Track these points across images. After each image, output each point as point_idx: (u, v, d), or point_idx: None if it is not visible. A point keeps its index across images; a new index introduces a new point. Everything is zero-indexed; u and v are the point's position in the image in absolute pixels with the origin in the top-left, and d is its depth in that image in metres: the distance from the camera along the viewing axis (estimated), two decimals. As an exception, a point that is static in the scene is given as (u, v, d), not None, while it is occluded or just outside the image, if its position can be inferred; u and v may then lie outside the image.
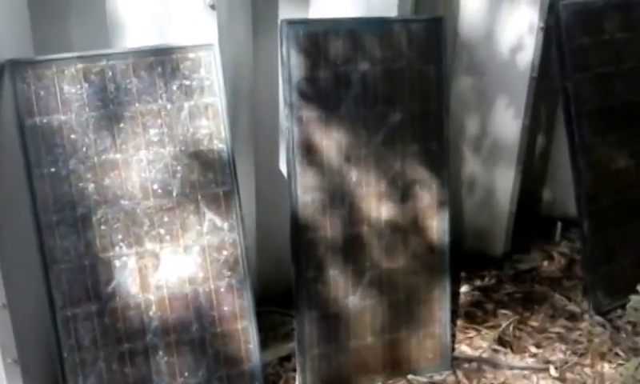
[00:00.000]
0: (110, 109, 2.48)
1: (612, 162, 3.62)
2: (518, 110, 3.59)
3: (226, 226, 2.65)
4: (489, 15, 3.50)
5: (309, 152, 2.82)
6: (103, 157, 2.48)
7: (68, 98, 2.43)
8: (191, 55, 2.59)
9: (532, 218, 4.19)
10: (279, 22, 2.80)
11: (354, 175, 2.90)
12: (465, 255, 3.83)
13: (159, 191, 2.55)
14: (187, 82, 2.58)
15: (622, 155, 3.65)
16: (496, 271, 3.84)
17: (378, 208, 2.95)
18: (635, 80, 3.68)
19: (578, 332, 3.42)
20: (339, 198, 2.89)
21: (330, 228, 2.88)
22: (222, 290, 2.66)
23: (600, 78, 3.57)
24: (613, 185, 3.62)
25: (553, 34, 3.50)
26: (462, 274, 3.78)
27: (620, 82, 3.63)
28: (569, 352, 3.28)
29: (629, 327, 3.44)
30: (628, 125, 3.67)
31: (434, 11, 3.37)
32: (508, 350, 3.28)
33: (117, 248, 2.51)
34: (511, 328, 3.41)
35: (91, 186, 2.46)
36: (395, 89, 2.96)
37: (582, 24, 3.52)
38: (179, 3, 2.63)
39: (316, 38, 2.81)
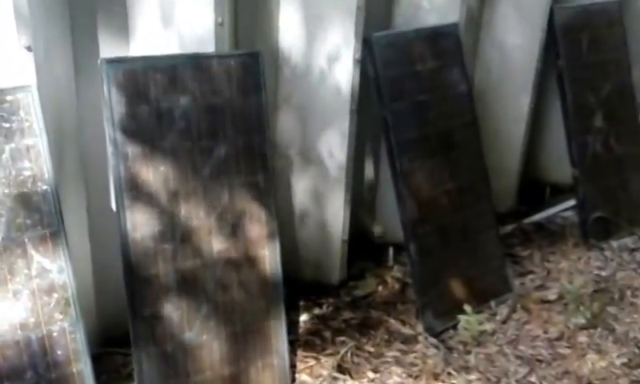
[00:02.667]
0: None
1: (432, 188, 3.89)
2: (342, 141, 3.76)
3: (55, 267, 2.71)
4: (305, 49, 3.67)
5: (136, 188, 2.94)
6: None
7: None
8: (9, 97, 2.66)
9: (365, 245, 4.38)
10: (99, 61, 2.91)
11: (182, 209, 3.04)
12: (302, 285, 3.96)
13: (-16, 237, 2.60)
14: (7, 125, 2.65)
15: (441, 180, 3.93)
16: (333, 299, 3.99)
17: (209, 241, 3.09)
18: (447, 107, 3.99)
19: (413, 354, 3.61)
20: (170, 233, 3.01)
21: (162, 264, 2.99)
22: (55, 334, 2.70)
23: (416, 107, 3.86)
24: (435, 209, 3.89)
25: (368, 65, 3.73)
26: (301, 303, 3.91)
27: (433, 110, 3.93)
28: (405, 375, 3.47)
29: (460, 346, 3.68)
30: (444, 150, 3.96)
31: (252, 46, 3.52)
32: (347, 377, 3.43)
33: (-60, 297, 2.52)
34: (349, 354, 3.56)
35: None
36: (218, 123, 3.13)
37: (396, 55, 3.81)
38: (-4, 45, 2.70)
39: (136, 76, 2.95)
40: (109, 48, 3.14)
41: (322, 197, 3.91)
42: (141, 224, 2.95)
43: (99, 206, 3.28)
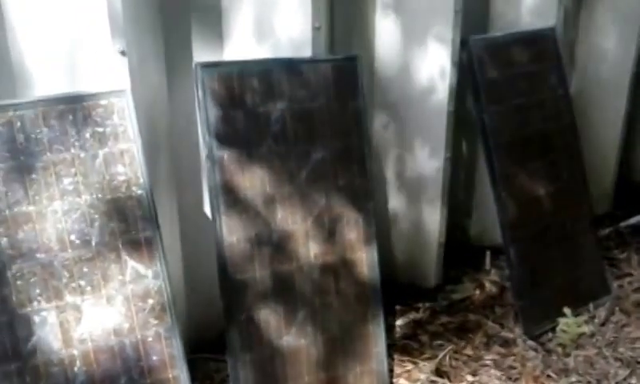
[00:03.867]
0: (20, 160, 2.28)
1: (532, 190, 3.54)
2: (438, 143, 3.48)
3: (150, 273, 2.44)
4: (402, 52, 3.40)
5: (232, 192, 2.65)
6: (15, 210, 2.26)
7: (-25, 151, 2.23)
8: (103, 102, 2.40)
9: (462, 248, 4.07)
10: (193, 65, 2.64)
11: (279, 214, 2.73)
12: (398, 288, 3.67)
13: (77, 242, 2.34)
14: (100, 129, 2.39)
15: (540, 183, 3.58)
16: (430, 303, 3.68)
17: (306, 245, 2.78)
18: (545, 110, 3.64)
19: (512, 357, 3.28)
20: (266, 236, 2.71)
21: (258, 268, 2.70)
22: (150, 339, 2.43)
23: (514, 109, 3.51)
24: (534, 212, 3.55)
25: (466, 68, 3.42)
26: (397, 308, 3.61)
27: (532, 112, 3.58)
28: (504, 378, 3.15)
29: (559, 349, 3.33)
30: (543, 153, 3.61)
31: (348, 50, 3.26)
32: (446, 381, 3.12)
33: (35, 303, 2.27)
34: (447, 358, 3.24)
35: (4, 240, 2.24)
36: (315, 127, 2.82)
37: (494, 58, 3.47)
38: (89, 50, 2.47)
39: (231, 80, 2.66)
40: (202, 53, 2.89)
41: (419, 199, 3.62)
42: (236, 228, 2.65)
43: (191, 211, 3.06)
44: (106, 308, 2.37)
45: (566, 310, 3.44)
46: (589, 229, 3.79)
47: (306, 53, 2.87)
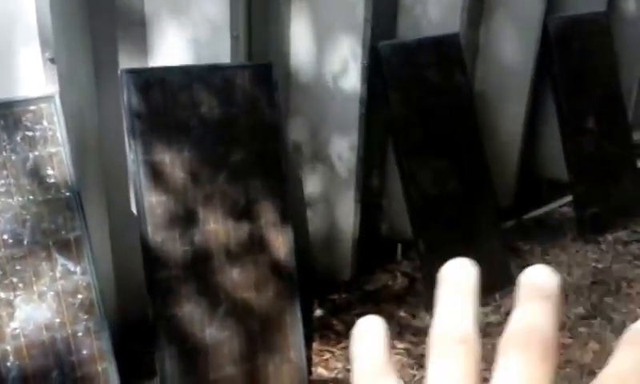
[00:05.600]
0: (-47, 163, 2.39)
1: (438, 186, 3.78)
2: (351, 144, 3.66)
3: (78, 269, 2.57)
4: (316, 59, 3.57)
5: (156, 194, 2.80)
6: (-51, 211, 2.38)
7: None
8: (32, 107, 2.53)
9: (374, 241, 4.25)
10: (119, 72, 2.79)
11: (200, 213, 2.90)
12: (315, 281, 3.83)
13: (10, 241, 2.46)
14: (30, 133, 2.52)
15: (446, 179, 3.82)
16: (345, 294, 3.87)
17: (227, 242, 2.96)
18: (450, 111, 3.88)
19: (423, 346, 3.41)
20: (189, 235, 2.87)
21: (182, 263, 2.86)
22: (80, 333, 2.56)
23: (421, 111, 3.75)
24: (441, 206, 3.78)
25: (376, 72, 3.61)
26: (315, 299, 3.78)
27: (438, 113, 3.82)
28: (416, 366, 3.33)
29: None
30: (449, 151, 3.85)
31: (266, 57, 3.41)
32: None
33: (-31, 300, 2.39)
34: None
35: (-61, 240, 2.35)
36: (233, 131, 3.00)
37: (401, 62, 3.70)
38: (19, 57, 2.57)
39: (155, 86, 2.82)
40: (129, 60, 3.02)
41: (334, 197, 3.81)
42: (161, 228, 2.81)
43: (119, 210, 3.18)
44: (37, 304, 2.49)
45: (474, 300, 3.66)
46: (493, 222, 4.04)
47: (226, 60, 3.02)
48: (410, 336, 3.54)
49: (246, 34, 3.26)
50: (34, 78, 2.58)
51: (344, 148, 3.68)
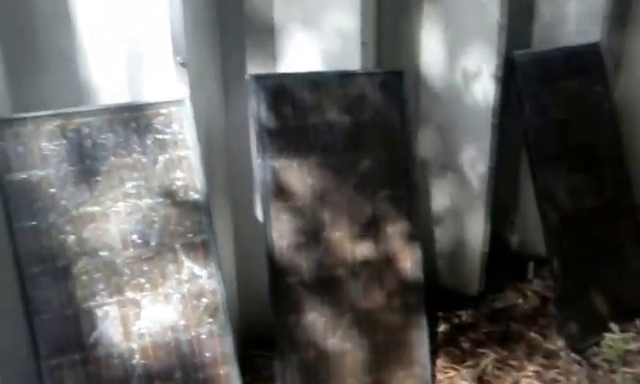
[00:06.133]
0: (87, 163, 2.46)
1: (575, 202, 3.61)
2: (482, 155, 3.57)
3: (204, 273, 2.59)
4: (447, 67, 3.51)
5: (282, 199, 2.80)
6: (82, 209, 2.45)
7: (46, 154, 2.41)
8: (163, 111, 2.58)
9: (504, 257, 4.13)
10: (247, 77, 2.81)
11: (327, 220, 2.88)
12: (441, 296, 3.76)
13: (138, 241, 2.51)
14: (161, 136, 2.57)
15: (585, 195, 3.64)
16: (472, 311, 3.77)
17: (353, 251, 2.92)
18: (589, 123, 3.72)
19: (555, 370, 3.33)
20: (314, 242, 2.86)
21: (306, 272, 2.84)
22: (204, 336, 2.58)
23: (558, 122, 3.60)
24: (579, 224, 3.60)
25: (510, 82, 3.52)
26: (439, 314, 3.69)
27: (576, 125, 3.66)
28: None
29: (605, 365, 3.34)
30: (588, 165, 3.68)
31: (395, 65, 3.36)
32: None
33: (98, 298, 2.44)
34: (490, 367, 3.32)
35: (71, 237, 2.42)
36: (362, 138, 2.97)
37: (537, 72, 3.57)
38: (151, 61, 2.64)
39: (284, 91, 2.83)
40: (256, 66, 3.05)
41: (463, 209, 3.73)
42: (286, 233, 2.81)
43: (244, 216, 3.21)
44: (163, 305, 2.53)
45: (613, 326, 3.46)
46: (635, 240, 3.80)
47: (355, 67, 3.00)
48: (540, 358, 3.40)
49: (376, 40, 3.23)
50: (166, 83, 2.63)
51: (474, 159, 3.59)
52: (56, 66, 2.64)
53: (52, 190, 2.41)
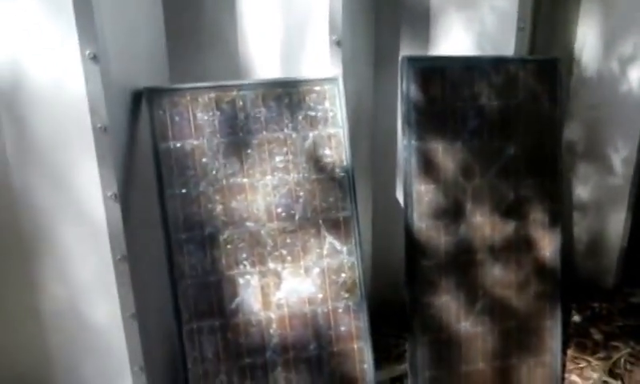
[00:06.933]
0: (240, 136, 2.36)
1: None
2: (631, 146, 3.30)
3: (345, 249, 2.47)
4: (604, 56, 3.23)
5: (425, 181, 2.62)
6: (231, 180, 2.35)
7: (200, 125, 2.32)
8: (317, 88, 2.44)
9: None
10: (400, 58, 2.62)
11: (468, 204, 2.68)
12: (576, 286, 3.53)
13: (283, 214, 2.40)
14: (312, 113, 2.43)
15: None
16: (607, 303, 3.50)
17: (492, 237, 2.71)
18: None
19: (690, 368, 3.06)
20: (454, 226, 2.67)
21: (444, 254, 2.66)
22: (340, 310, 2.47)
23: None
24: None
25: None
26: (573, 305, 3.46)
27: None
28: None
29: None
30: None
31: (549, 51, 3.13)
32: (619, 383, 2.96)
33: (241, 266, 2.37)
34: (622, 361, 3.08)
35: (219, 207, 2.34)
36: (510, 125, 2.73)
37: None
38: (307, 39, 2.50)
39: (435, 74, 2.62)
40: (409, 48, 2.88)
41: (605, 200, 3.46)
42: (426, 215, 2.63)
43: (383, 196, 3.07)
44: (303, 277, 2.43)
45: None
46: None
47: (509, 53, 2.79)
48: (674, 357, 3.13)
49: (532, 26, 2.99)
50: (320, 60, 2.50)
51: (623, 152, 3.31)
52: (215, 40, 2.55)
53: (204, 160, 2.32)
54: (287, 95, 2.41)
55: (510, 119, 2.74)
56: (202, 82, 2.36)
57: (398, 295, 2.73)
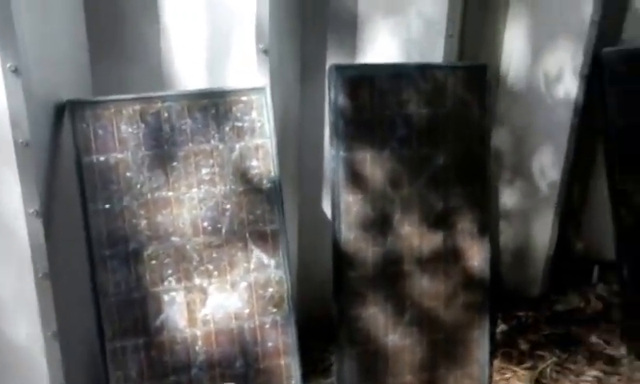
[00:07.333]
0: (165, 148, 2.47)
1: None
2: (558, 156, 3.50)
3: (272, 263, 2.60)
4: (530, 63, 3.44)
5: (353, 191, 2.78)
6: (156, 194, 2.46)
7: (125, 137, 2.41)
8: (244, 98, 2.56)
9: (568, 259, 4.06)
10: (327, 67, 2.78)
11: (397, 215, 2.86)
12: (501, 295, 3.71)
13: (209, 228, 2.52)
14: (239, 124, 2.56)
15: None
16: (532, 312, 3.72)
17: (420, 248, 2.90)
18: None
19: (617, 377, 3.28)
20: (381, 236, 2.84)
21: (372, 266, 2.83)
22: (267, 326, 2.61)
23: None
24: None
25: (596, 80, 3.42)
26: (499, 314, 3.65)
27: None
28: None
29: None
30: None
31: (476, 58, 3.31)
32: None
33: (166, 283, 2.47)
34: (548, 370, 3.29)
35: (144, 222, 2.44)
36: (440, 132, 2.92)
37: (626, 70, 3.45)
38: (233, 48, 2.62)
39: (363, 82, 2.78)
40: (336, 56, 3.02)
41: (531, 210, 3.67)
42: (354, 225, 2.79)
43: (310, 207, 3.21)
44: (229, 293, 2.55)
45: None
46: None
47: (437, 60, 2.96)
48: (601, 364, 3.35)
49: (459, 33, 3.16)
50: (246, 70, 2.61)
51: (549, 159, 3.52)
52: (137, 50, 2.65)
53: (128, 174, 2.42)
54: (213, 106, 2.52)
55: (438, 127, 2.91)
56: (127, 93, 2.45)
57: (324, 309, 2.87)
